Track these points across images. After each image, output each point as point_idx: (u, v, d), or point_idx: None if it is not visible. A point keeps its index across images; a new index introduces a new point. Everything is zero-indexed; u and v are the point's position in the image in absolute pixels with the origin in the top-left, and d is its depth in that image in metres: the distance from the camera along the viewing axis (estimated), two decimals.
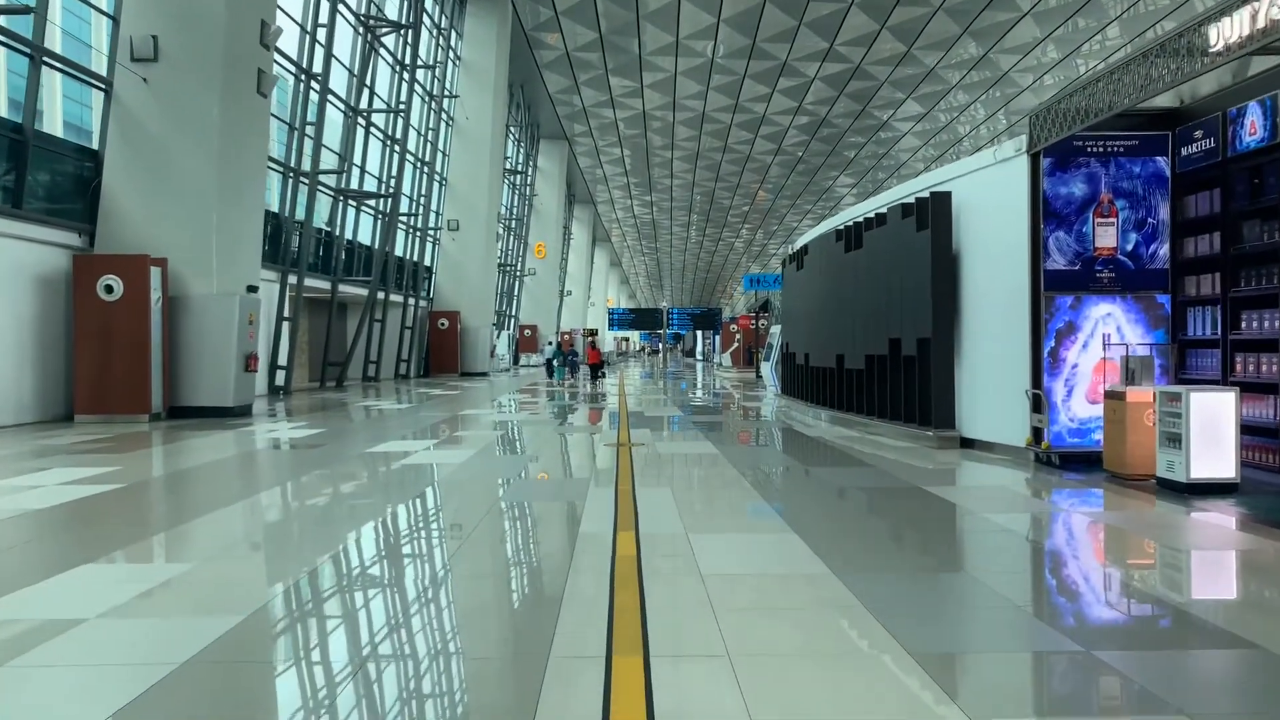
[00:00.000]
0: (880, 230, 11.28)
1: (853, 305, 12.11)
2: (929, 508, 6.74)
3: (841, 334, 12.54)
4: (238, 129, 14.61)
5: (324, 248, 23.37)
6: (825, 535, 5.65)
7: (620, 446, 10.15)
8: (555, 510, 6.73)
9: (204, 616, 3.94)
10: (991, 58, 31.76)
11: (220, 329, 14.43)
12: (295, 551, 5.46)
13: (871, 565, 4.96)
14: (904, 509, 6.74)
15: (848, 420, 12.24)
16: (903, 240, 10.62)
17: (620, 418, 14.10)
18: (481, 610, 4.25)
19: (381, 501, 7.13)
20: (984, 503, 6.96)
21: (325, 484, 7.91)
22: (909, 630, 3.66)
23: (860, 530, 6.11)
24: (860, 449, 9.98)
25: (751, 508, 6.72)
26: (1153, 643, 3.83)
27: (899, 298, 10.70)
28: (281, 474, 8.79)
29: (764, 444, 11.27)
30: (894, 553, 5.45)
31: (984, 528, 6.05)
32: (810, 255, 14.28)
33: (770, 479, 8.14)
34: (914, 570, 4.92)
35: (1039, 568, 5.19)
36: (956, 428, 9.98)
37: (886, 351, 11.04)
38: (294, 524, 6.41)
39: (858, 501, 7.09)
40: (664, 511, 6.32)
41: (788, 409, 15.58)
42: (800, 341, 15.09)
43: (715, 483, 7.87)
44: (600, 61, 31.88)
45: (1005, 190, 9.21)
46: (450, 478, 8.11)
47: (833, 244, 12.87)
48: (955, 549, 5.56)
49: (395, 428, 13.08)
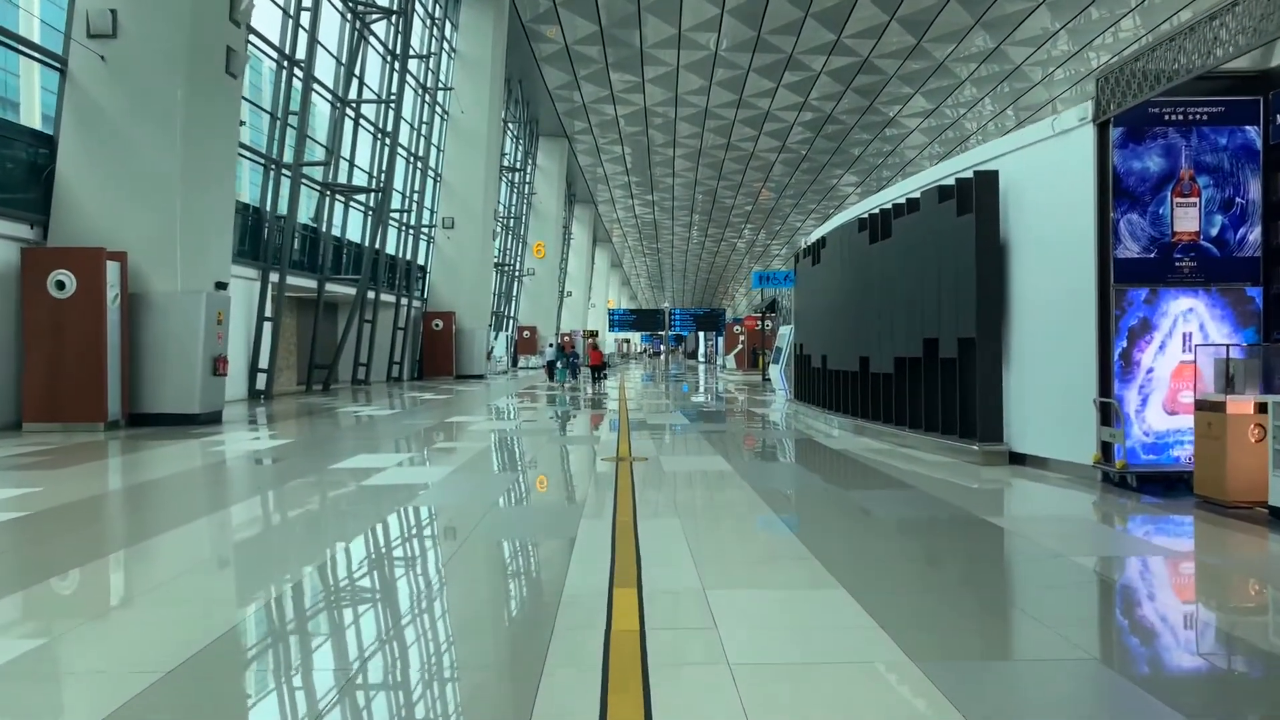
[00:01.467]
0: (912, 217, 9.94)
1: (879, 302, 10.77)
2: (997, 546, 5.39)
3: (866, 334, 11.20)
4: (205, 112, 13.28)
5: (310, 245, 22.04)
6: (881, 591, 4.30)
7: (620, 462, 8.81)
8: (537, 555, 5.37)
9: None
10: (1004, 50, 30.43)
11: (185, 329, 13.10)
12: (192, 614, 4.11)
13: (958, 643, 3.62)
14: (969, 549, 5.39)
15: (873, 430, 10.90)
16: (940, 227, 9.27)
17: (621, 425, 12.75)
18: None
19: (317, 544, 5.76)
20: (1065, 540, 5.60)
21: (264, 516, 6.58)
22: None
23: (923, 582, 4.75)
24: (894, 465, 8.63)
25: (782, 548, 5.37)
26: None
27: (936, 293, 9.36)
28: (218, 499, 7.44)
29: (783, 459, 9.93)
30: (981, 620, 4.09)
31: (1078, 578, 4.70)
32: (829, 248, 12.92)
33: (798, 506, 6.78)
34: (1017, 653, 3.59)
35: (1180, 642, 3.84)
36: (1004, 441, 8.63)
37: (920, 353, 9.70)
38: (203, 575, 5.07)
39: (910, 538, 5.74)
40: (674, 554, 4.98)
41: (802, 416, 14.22)
42: (816, 343, 13.73)
43: (733, 511, 6.52)
44: (600, 55, 30.56)
45: (1065, 167, 7.87)
46: (415, 505, 6.77)
47: (855, 234, 11.52)
48: (1057, 613, 4.21)
49: (372, 437, 11.74)
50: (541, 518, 6.24)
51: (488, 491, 7.18)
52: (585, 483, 7.72)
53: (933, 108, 35.61)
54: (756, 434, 12.52)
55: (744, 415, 15.71)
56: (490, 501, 6.72)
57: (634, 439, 10.96)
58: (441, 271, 29.45)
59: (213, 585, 4.68)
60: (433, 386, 24.44)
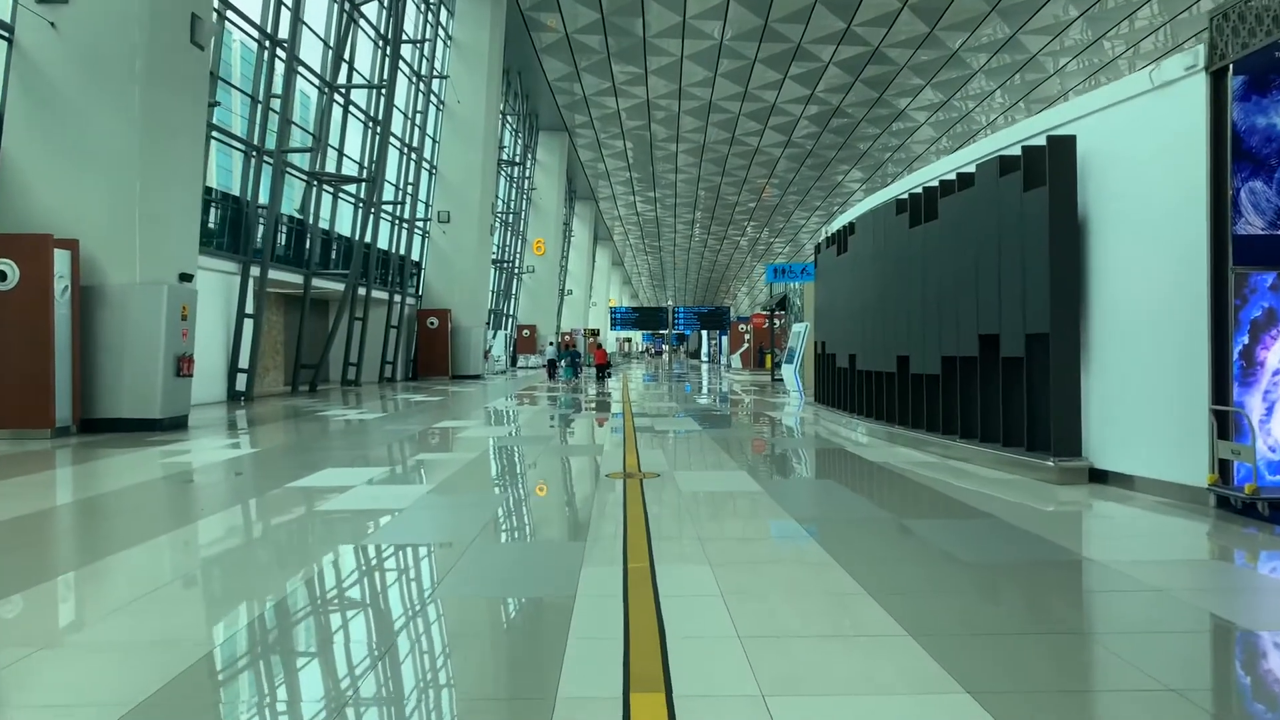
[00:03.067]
0: (965, 195, 8.49)
1: (922, 294, 9.33)
2: (1135, 607, 3.96)
3: (905, 331, 9.76)
4: (167, 86, 11.84)
5: (296, 238, 20.61)
6: (1008, 688, 2.87)
7: (628, 478, 7.38)
8: (520, 632, 3.90)
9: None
10: (1020, 39, 29.01)
11: (145, 325, 11.66)
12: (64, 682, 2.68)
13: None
14: (1107, 613, 3.95)
15: (910, 438, 9.46)
16: (1002, 205, 7.84)
17: (626, 432, 11.31)
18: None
19: (236, 594, 4.34)
20: (1223, 598, 4.17)
21: (195, 548, 5.14)
22: None
23: (1076, 675, 3.31)
24: (952, 484, 7.20)
25: (857, 614, 3.91)
26: None
27: (995, 282, 7.93)
28: (148, 526, 5.98)
29: (817, 474, 8.48)
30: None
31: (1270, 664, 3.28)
32: (858, 235, 11.46)
33: (856, 544, 5.31)
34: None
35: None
36: (1083, 455, 7.19)
37: (975, 352, 8.26)
38: (102, 625, 3.63)
39: (1015, 592, 4.30)
40: (710, 628, 3.54)
41: (825, 421, 12.77)
42: (842, 340, 12.29)
43: (775, 553, 5.08)
44: (602, 45, 29.13)
45: (1166, 126, 6.44)
46: (372, 544, 5.32)
47: (891, 217, 10.07)
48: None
49: (348, 446, 10.31)
50: (531, 564, 4.80)
51: (466, 523, 5.75)
52: (587, 508, 6.27)
53: (943, 100, 34.20)
54: (779, 443, 11.07)
55: (760, 420, 14.25)
56: (467, 537, 5.28)
57: (642, 448, 9.52)
58: (437, 268, 28.00)
59: (109, 658, 3.23)
60: (426, 388, 23.00)
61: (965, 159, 8.84)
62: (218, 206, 17.90)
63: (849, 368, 11.68)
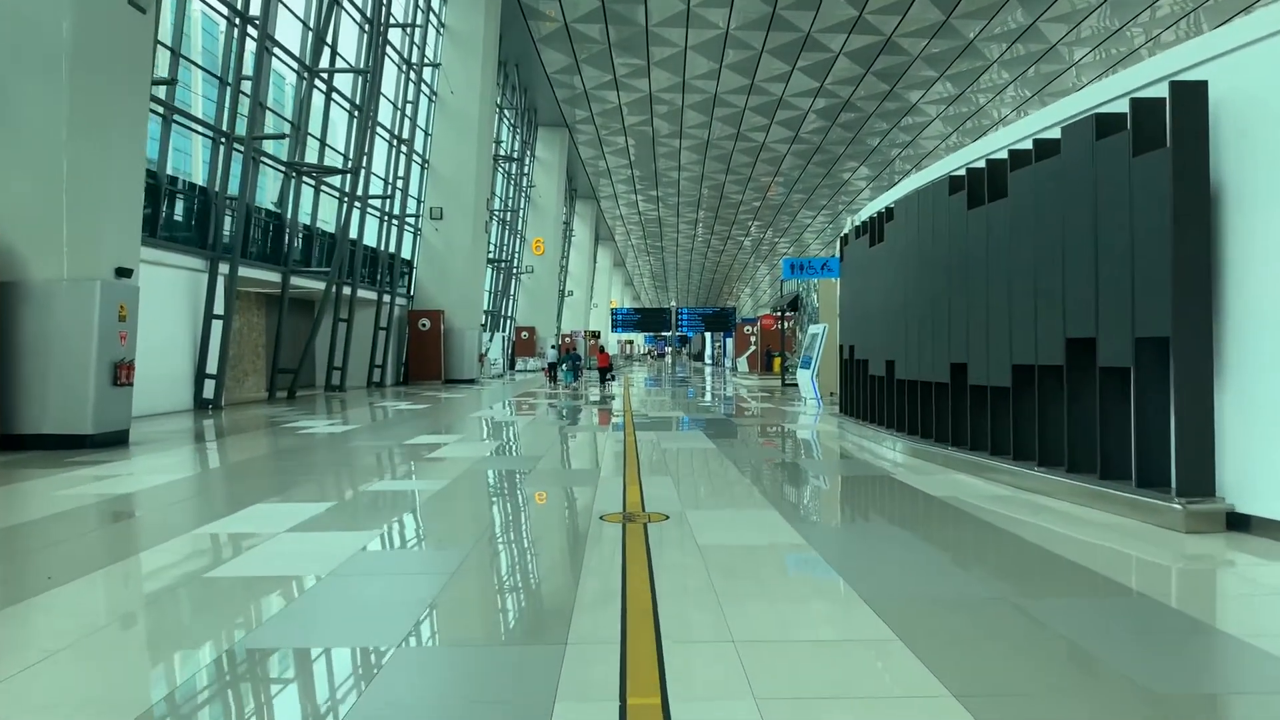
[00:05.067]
0: (1046, 166, 6.76)
1: (986, 289, 7.60)
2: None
3: (961, 333, 8.02)
4: (102, 51, 10.14)
5: (273, 232, 18.91)
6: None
7: (629, 522, 5.66)
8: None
9: None
10: (1039, 28, 27.29)
11: (73, 328, 9.97)
12: None
13: None
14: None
15: (967, 463, 7.73)
16: (1100, 175, 6.12)
17: (628, 454, 9.58)
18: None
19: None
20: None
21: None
22: None
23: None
24: (1048, 531, 5.48)
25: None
26: None
27: (1091, 272, 6.20)
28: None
29: (872, 516, 6.74)
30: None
31: None
32: (897, 222, 9.70)
33: (969, 652, 3.53)
34: None
35: None
36: (1217, 494, 5.47)
37: (1061, 360, 6.53)
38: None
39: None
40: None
41: (853, 437, 11.03)
42: (875, 344, 10.54)
43: (852, 670, 3.31)
44: (602, 35, 27.43)
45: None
46: (256, 641, 3.59)
47: (944, 198, 8.33)
48: None
49: (296, 471, 8.61)
50: (479, 695, 3.07)
51: (398, 606, 4.01)
52: (572, 578, 4.53)
53: (956, 93, 32.48)
54: (809, 467, 9.34)
55: (780, 435, 12.51)
56: (393, 633, 3.55)
57: (647, 475, 7.80)
58: (429, 266, 26.28)
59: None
60: (415, 393, 21.28)
61: (1043, 122, 7.11)
62: (183, 197, 16.22)
63: (885, 376, 9.93)
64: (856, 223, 11.88)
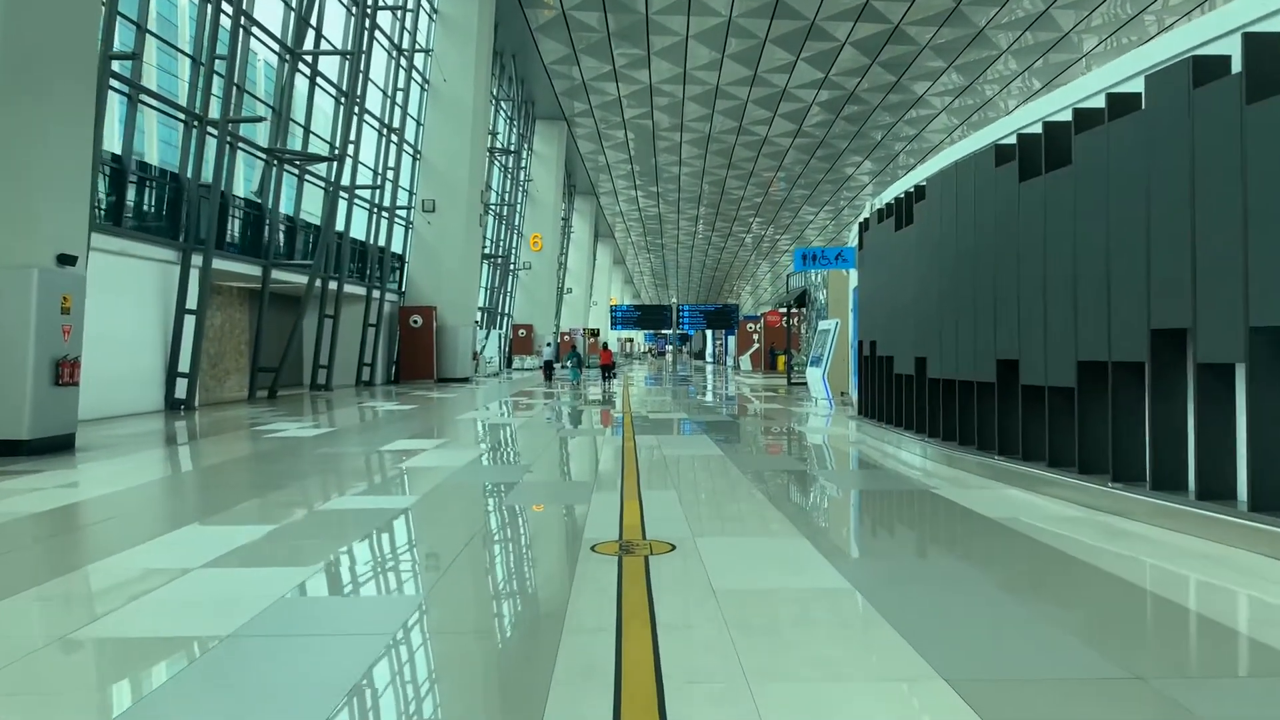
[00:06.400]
0: (1121, 126, 5.62)
1: (1044, 273, 6.46)
2: None
3: (1011, 325, 6.88)
4: (33, 9, 9.00)
5: (254, 223, 17.77)
6: None
7: (626, 554, 4.53)
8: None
9: None
10: (1052, 15, 26.15)
11: (6, 321, 8.83)
12: None
13: None
14: None
15: (1024, 476, 6.59)
16: (1196, 130, 4.99)
17: (626, 463, 8.43)
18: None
19: None
20: None
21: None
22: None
23: None
24: (1144, 563, 4.36)
25: None
26: None
27: (1185, 248, 5.07)
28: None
29: (923, 548, 5.59)
30: None
31: None
32: (929, 202, 8.53)
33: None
34: None
35: None
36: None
37: (1144, 355, 5.40)
38: None
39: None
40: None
41: (879, 442, 9.86)
42: (902, 339, 9.39)
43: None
44: (601, 23, 26.27)
45: None
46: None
47: (989, 171, 7.18)
48: None
49: (246, 485, 7.49)
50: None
51: (317, 683, 2.91)
52: (549, 641, 3.38)
53: (965, 84, 31.33)
54: (835, 479, 8.20)
55: (795, 439, 11.34)
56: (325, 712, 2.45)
57: (648, 489, 6.67)
58: (421, 261, 25.12)
59: None
60: (405, 393, 20.14)
61: (1118, 74, 5.97)
62: (153, 184, 15.08)
63: (914, 375, 8.79)
64: (877, 206, 10.72)
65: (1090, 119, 5.99)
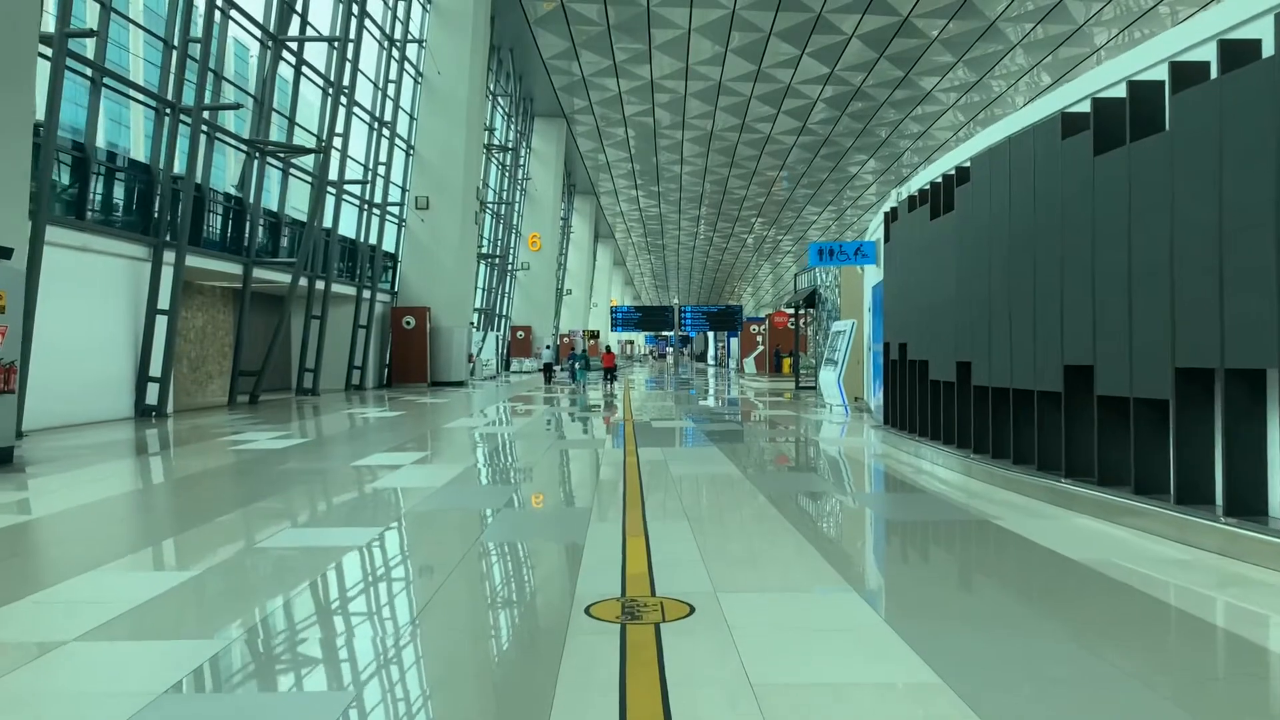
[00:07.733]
0: (1236, 80, 4.51)
1: (1129, 261, 5.35)
2: None
3: (1083, 326, 5.78)
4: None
5: (235, 219, 16.68)
6: None
7: (631, 622, 3.43)
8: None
9: None
10: (1066, 5, 25.07)
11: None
12: None
13: None
14: None
15: (1098, 503, 5.47)
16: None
17: (629, 488, 7.30)
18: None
19: None
20: None
21: None
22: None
23: None
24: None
25: None
26: None
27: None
28: None
29: (1003, 607, 4.47)
30: None
31: None
32: (975, 183, 7.36)
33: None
34: None
35: None
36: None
37: (1275, 362, 4.29)
38: None
39: None
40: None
41: (912, 456, 8.70)
42: (937, 341, 8.27)
43: None
44: (601, 16, 25.19)
45: None
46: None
47: (1055, 144, 6.04)
48: None
49: (199, 506, 6.39)
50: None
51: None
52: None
53: (974, 79, 30.23)
54: (876, 507, 7.07)
55: (819, 455, 10.15)
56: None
57: (654, 521, 5.56)
58: (414, 260, 24.02)
59: None
60: (395, 398, 19.03)
61: (1231, 19, 4.86)
62: (122, 179, 13.99)
63: (956, 383, 7.68)
64: (905, 194, 9.60)
65: (1189, 75, 4.88)
